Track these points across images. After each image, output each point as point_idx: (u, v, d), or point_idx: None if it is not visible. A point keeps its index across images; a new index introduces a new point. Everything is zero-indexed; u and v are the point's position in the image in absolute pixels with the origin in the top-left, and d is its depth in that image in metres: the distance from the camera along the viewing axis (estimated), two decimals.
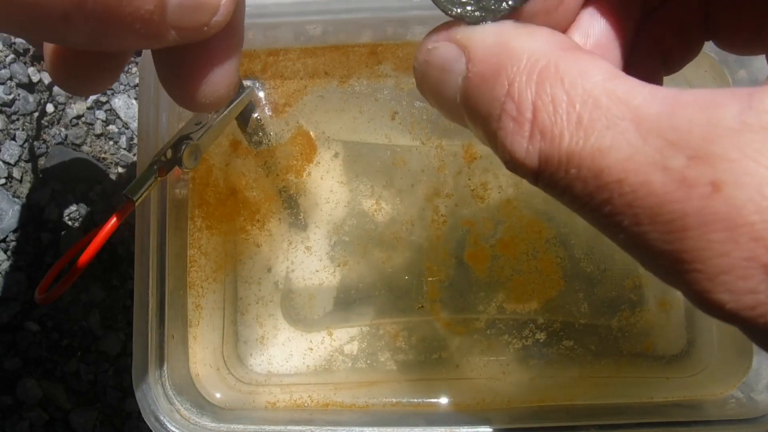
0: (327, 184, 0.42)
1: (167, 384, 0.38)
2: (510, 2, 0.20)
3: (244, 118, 0.39)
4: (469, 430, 0.37)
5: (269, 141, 0.41)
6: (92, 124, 0.48)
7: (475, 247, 0.42)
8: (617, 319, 0.42)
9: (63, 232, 0.47)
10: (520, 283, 0.42)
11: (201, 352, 0.41)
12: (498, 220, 0.42)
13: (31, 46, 0.48)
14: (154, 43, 0.21)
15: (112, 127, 0.48)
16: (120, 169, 0.48)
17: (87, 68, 0.24)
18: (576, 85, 0.17)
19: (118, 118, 0.48)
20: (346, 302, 0.43)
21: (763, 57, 0.23)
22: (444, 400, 0.41)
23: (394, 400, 0.41)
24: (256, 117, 0.40)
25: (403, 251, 0.42)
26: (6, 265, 0.46)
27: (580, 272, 0.42)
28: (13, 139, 0.47)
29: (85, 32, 0.20)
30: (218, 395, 0.41)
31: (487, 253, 0.42)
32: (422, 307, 0.42)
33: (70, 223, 0.47)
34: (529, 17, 0.21)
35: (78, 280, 0.41)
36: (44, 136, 0.48)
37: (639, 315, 0.42)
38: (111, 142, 0.48)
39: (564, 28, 0.23)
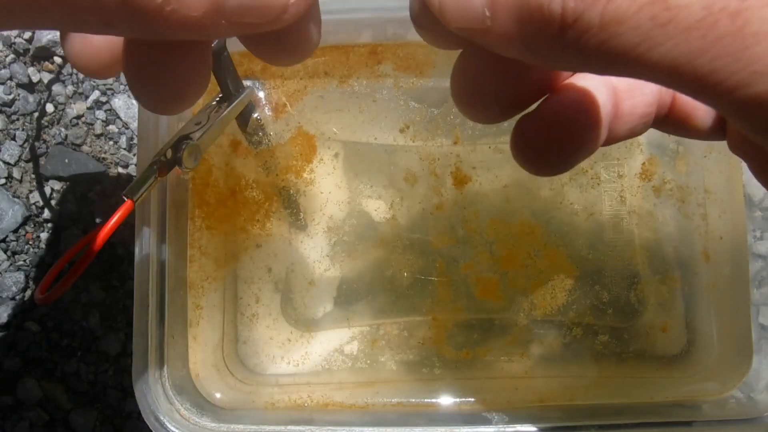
0: (327, 184, 0.42)
1: (167, 384, 0.38)
2: None
3: (244, 118, 0.39)
4: (469, 430, 0.37)
5: (269, 141, 0.41)
6: (92, 124, 0.48)
7: (480, 283, 0.42)
8: (617, 319, 0.42)
9: (63, 232, 0.47)
10: (538, 286, 0.42)
11: (201, 352, 0.41)
12: (489, 242, 0.42)
13: (31, 46, 0.48)
14: (212, 38, 0.20)
15: (112, 127, 0.48)
16: (120, 169, 0.48)
17: (165, 68, 0.22)
18: None
19: (118, 118, 0.48)
20: (347, 302, 0.43)
21: None
22: (444, 400, 0.41)
23: (394, 400, 0.41)
24: (256, 117, 0.40)
25: (404, 251, 0.42)
26: (6, 265, 0.46)
27: (581, 270, 0.42)
28: (13, 139, 0.47)
29: (129, 33, 0.19)
30: (218, 395, 0.41)
31: (494, 280, 0.42)
32: (422, 343, 0.42)
33: (70, 223, 0.47)
34: None
35: (78, 280, 0.41)
36: (44, 136, 0.48)
37: (639, 315, 0.42)
38: (111, 142, 0.48)
39: None
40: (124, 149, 0.48)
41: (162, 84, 0.22)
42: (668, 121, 0.23)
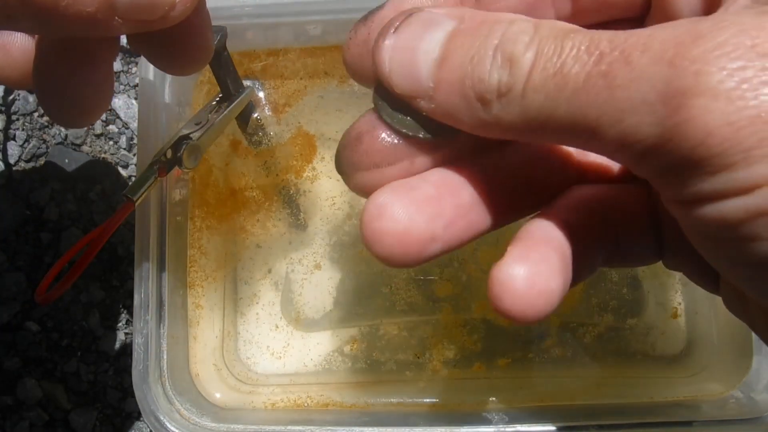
0: (327, 184, 0.42)
1: (167, 384, 0.38)
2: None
3: (244, 118, 0.39)
4: (469, 430, 0.37)
5: (269, 141, 0.41)
6: (92, 124, 0.48)
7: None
8: (617, 319, 0.42)
9: (63, 232, 0.47)
10: None
11: (201, 352, 0.41)
12: (484, 270, 0.42)
13: None
14: (107, 34, 0.21)
15: (112, 127, 0.48)
16: (120, 169, 0.48)
17: (73, 81, 0.24)
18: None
19: (118, 118, 0.48)
20: (346, 302, 0.43)
21: None
22: (444, 400, 0.41)
23: (394, 400, 0.41)
24: (256, 117, 0.40)
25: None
26: (6, 265, 0.46)
27: None
28: (13, 139, 0.47)
29: (31, 28, 0.21)
30: (218, 395, 0.41)
31: None
32: (419, 357, 0.42)
33: (70, 223, 0.47)
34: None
35: (78, 280, 0.41)
36: (44, 136, 0.48)
37: (639, 315, 0.42)
38: (111, 142, 0.48)
39: None
40: (124, 149, 0.48)
41: (67, 95, 0.24)
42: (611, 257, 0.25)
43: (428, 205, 0.22)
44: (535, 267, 0.21)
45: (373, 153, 0.22)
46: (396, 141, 0.22)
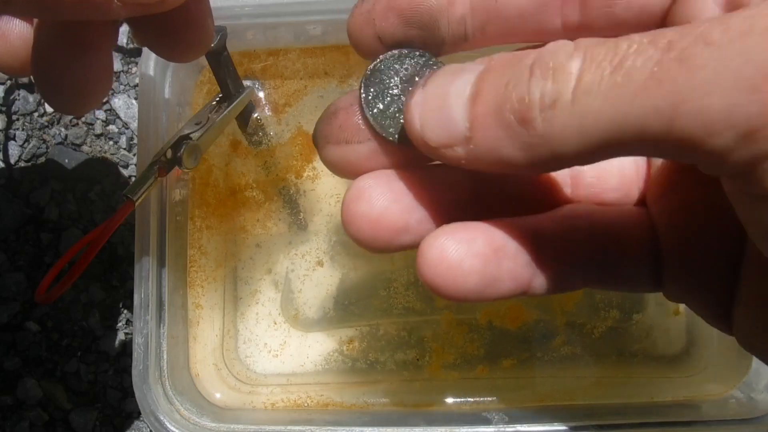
0: (327, 184, 0.42)
1: (167, 384, 0.38)
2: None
3: (244, 118, 0.39)
4: (469, 430, 0.37)
5: (269, 141, 0.41)
6: (92, 124, 0.48)
7: (499, 312, 0.42)
8: (617, 319, 0.42)
9: (63, 232, 0.47)
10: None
11: (201, 352, 0.41)
12: None
13: None
14: (106, 18, 0.21)
15: (112, 127, 0.48)
16: (120, 169, 0.48)
17: (72, 71, 0.24)
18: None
19: (118, 118, 0.48)
20: (346, 302, 0.43)
21: None
22: (444, 400, 0.41)
23: (394, 400, 0.41)
24: (256, 117, 0.40)
25: (404, 251, 0.42)
26: (6, 265, 0.46)
27: None
28: (13, 139, 0.47)
29: (29, 11, 0.21)
30: (218, 395, 0.41)
31: (515, 303, 0.42)
32: (419, 359, 0.42)
33: (70, 223, 0.47)
34: None
35: (78, 280, 0.41)
36: (44, 136, 0.48)
37: (639, 315, 0.42)
38: (111, 142, 0.48)
39: None
40: (124, 149, 0.48)
41: (65, 82, 0.24)
42: (603, 277, 0.23)
43: (407, 196, 0.22)
44: (454, 245, 0.20)
45: (346, 128, 0.23)
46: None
